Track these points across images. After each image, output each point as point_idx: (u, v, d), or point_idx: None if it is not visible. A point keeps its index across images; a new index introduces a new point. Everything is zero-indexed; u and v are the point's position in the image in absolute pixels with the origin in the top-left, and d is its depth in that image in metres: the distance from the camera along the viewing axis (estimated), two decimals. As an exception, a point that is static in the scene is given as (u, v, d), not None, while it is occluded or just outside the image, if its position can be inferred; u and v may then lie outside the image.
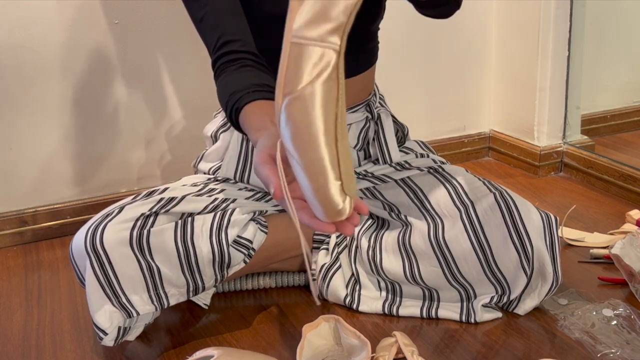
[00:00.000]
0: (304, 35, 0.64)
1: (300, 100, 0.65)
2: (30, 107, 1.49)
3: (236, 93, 0.95)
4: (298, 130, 0.65)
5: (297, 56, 0.64)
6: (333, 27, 0.64)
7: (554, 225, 1.08)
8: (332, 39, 0.64)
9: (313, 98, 0.65)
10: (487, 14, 1.87)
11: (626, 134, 1.96)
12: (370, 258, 1.17)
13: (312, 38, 0.64)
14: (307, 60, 0.64)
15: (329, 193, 0.67)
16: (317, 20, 0.64)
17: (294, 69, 0.64)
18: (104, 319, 1.01)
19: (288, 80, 0.65)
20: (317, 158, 0.66)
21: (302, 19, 0.64)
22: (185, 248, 1.04)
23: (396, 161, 1.21)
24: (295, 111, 0.65)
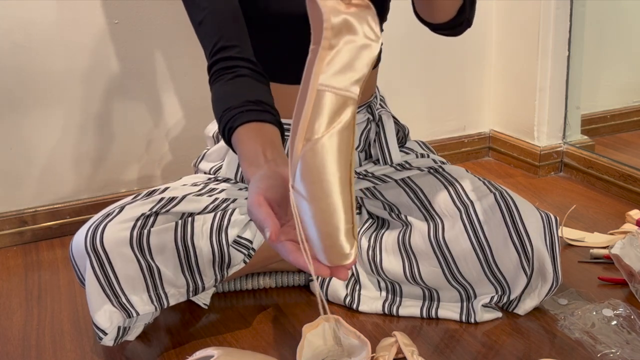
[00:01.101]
0: (331, 84, 0.66)
1: (320, 147, 0.67)
2: (30, 107, 1.49)
3: (230, 110, 0.94)
4: (316, 177, 0.67)
5: (321, 104, 0.66)
6: (357, 78, 0.67)
7: (554, 225, 1.08)
8: (353, 88, 0.67)
9: (333, 146, 0.67)
10: (487, 14, 1.87)
11: (626, 134, 1.96)
12: (370, 258, 1.17)
13: (338, 88, 0.66)
14: (329, 108, 0.66)
15: (339, 238, 0.70)
16: (345, 71, 0.66)
17: (316, 116, 0.67)
18: (104, 319, 1.01)
19: (310, 127, 0.67)
20: (332, 204, 0.68)
21: (333, 69, 0.66)
22: (185, 248, 1.04)
23: (397, 162, 1.21)
24: (317, 158, 0.67)
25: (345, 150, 0.68)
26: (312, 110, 0.66)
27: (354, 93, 0.67)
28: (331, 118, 0.67)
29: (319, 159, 0.67)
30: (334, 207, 0.68)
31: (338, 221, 0.69)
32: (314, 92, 0.66)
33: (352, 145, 0.69)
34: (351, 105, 0.68)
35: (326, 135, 0.67)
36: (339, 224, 0.69)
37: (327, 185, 0.67)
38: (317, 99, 0.66)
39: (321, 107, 0.66)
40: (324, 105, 0.66)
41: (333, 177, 0.67)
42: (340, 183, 0.68)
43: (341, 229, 0.69)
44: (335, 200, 0.68)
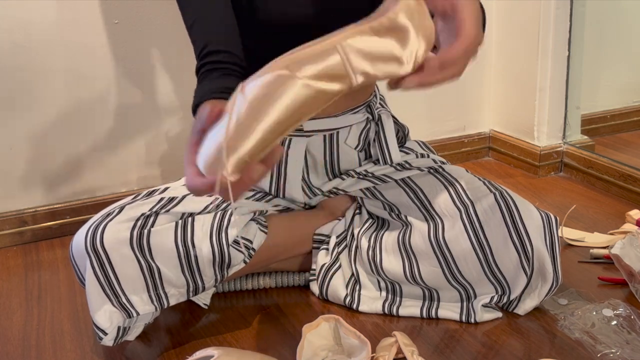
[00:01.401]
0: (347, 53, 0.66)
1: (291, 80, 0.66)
2: (30, 107, 1.49)
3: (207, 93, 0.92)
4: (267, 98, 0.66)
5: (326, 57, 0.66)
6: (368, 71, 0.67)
7: (554, 225, 1.08)
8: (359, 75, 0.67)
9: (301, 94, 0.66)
10: (487, 14, 1.86)
11: (626, 134, 1.96)
12: (370, 258, 1.17)
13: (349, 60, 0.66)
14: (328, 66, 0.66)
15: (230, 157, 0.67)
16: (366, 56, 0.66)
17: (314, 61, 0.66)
18: (104, 318, 1.01)
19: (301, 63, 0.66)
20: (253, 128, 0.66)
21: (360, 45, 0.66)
22: (185, 248, 1.04)
23: (397, 162, 1.21)
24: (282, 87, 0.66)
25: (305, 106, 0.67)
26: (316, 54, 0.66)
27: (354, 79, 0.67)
28: (321, 73, 0.66)
29: (281, 89, 0.66)
30: (249, 133, 0.66)
31: (242, 145, 0.66)
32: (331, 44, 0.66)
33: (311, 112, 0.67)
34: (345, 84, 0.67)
35: (307, 80, 0.66)
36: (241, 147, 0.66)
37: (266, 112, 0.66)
38: (328, 51, 0.66)
39: (323, 59, 0.66)
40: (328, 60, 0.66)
41: (276, 113, 0.66)
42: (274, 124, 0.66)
43: (239, 152, 0.67)
44: (260, 126, 0.66)
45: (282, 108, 0.66)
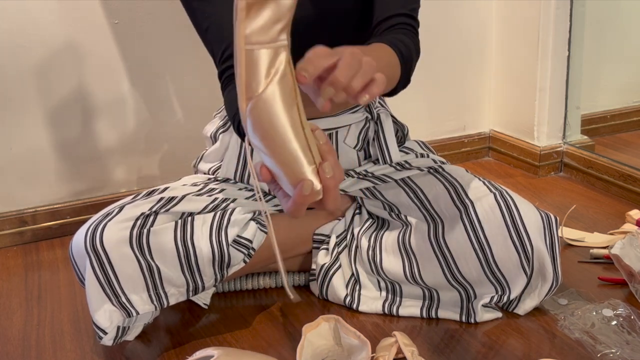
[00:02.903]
0: (258, 40, 0.67)
1: (262, 102, 0.68)
2: (30, 107, 1.49)
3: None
4: (267, 131, 0.68)
5: (253, 61, 0.67)
6: (282, 26, 0.67)
7: (554, 225, 1.08)
8: (281, 37, 0.68)
9: (275, 97, 0.68)
10: (487, 14, 1.87)
11: (626, 134, 1.96)
12: (370, 258, 1.17)
13: (265, 41, 0.67)
14: (262, 63, 0.67)
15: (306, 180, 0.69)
16: (268, 24, 0.67)
17: (252, 74, 0.68)
18: (104, 318, 1.01)
19: (248, 86, 0.68)
20: (290, 151, 0.69)
21: (256, 24, 0.67)
22: (185, 248, 1.04)
23: (396, 161, 1.21)
24: (261, 113, 0.68)
25: (289, 96, 0.68)
26: (245, 70, 0.67)
27: (282, 40, 0.68)
28: (267, 71, 0.67)
29: (264, 113, 0.68)
30: (293, 155, 0.69)
31: (301, 166, 0.69)
32: (242, 53, 0.67)
33: (295, 89, 0.69)
34: (283, 52, 0.68)
35: (267, 88, 0.67)
36: (302, 168, 0.69)
37: (279, 135, 0.68)
38: (247, 58, 0.67)
39: (254, 64, 0.67)
40: (256, 61, 0.67)
41: (283, 127, 0.68)
42: (292, 129, 0.68)
43: (306, 172, 0.70)
44: (293, 146, 0.69)
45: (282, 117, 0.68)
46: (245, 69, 0.67)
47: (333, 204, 0.71)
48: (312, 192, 0.70)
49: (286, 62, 0.68)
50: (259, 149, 0.70)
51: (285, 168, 0.70)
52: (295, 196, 0.70)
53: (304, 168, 0.69)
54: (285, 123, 0.68)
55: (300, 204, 0.70)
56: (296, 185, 0.70)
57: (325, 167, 0.70)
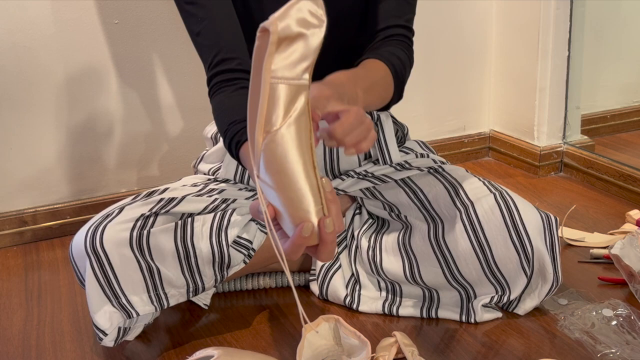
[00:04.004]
0: (283, 75, 0.68)
1: (280, 137, 0.69)
2: (30, 107, 1.49)
3: (236, 124, 0.95)
4: (279, 167, 0.70)
5: (275, 96, 0.69)
6: (307, 65, 0.69)
7: (554, 225, 1.08)
8: (305, 75, 0.69)
9: (291, 135, 0.70)
10: (487, 14, 1.87)
11: (626, 134, 1.96)
12: (370, 258, 1.17)
13: (290, 77, 0.68)
14: (284, 99, 0.69)
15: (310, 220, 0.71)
16: (294, 62, 0.68)
17: (273, 108, 0.69)
18: (104, 319, 1.01)
19: (267, 120, 0.69)
20: (299, 190, 0.70)
21: (284, 60, 0.68)
22: (185, 248, 1.04)
23: (396, 161, 1.21)
24: (277, 149, 0.69)
25: (305, 135, 0.70)
26: (267, 103, 0.68)
27: (305, 80, 0.69)
28: (287, 108, 0.69)
29: (280, 149, 0.69)
30: (301, 193, 0.70)
31: (308, 205, 0.71)
32: (267, 86, 0.68)
33: (311, 129, 0.71)
34: (304, 91, 0.70)
35: (284, 125, 0.69)
36: (309, 207, 0.71)
37: (291, 173, 0.70)
38: (271, 92, 0.68)
39: (276, 99, 0.68)
40: (279, 97, 0.68)
41: (296, 165, 0.70)
42: (304, 169, 0.70)
43: (311, 211, 0.71)
44: (302, 186, 0.70)
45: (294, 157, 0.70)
46: (267, 103, 0.68)
47: (327, 256, 0.74)
48: (312, 234, 0.72)
49: (305, 101, 0.70)
50: (268, 184, 0.71)
51: (290, 206, 0.71)
52: (294, 236, 0.71)
53: (310, 208, 0.71)
54: (298, 162, 0.70)
55: (298, 245, 0.72)
56: (297, 225, 0.71)
57: (327, 222, 0.72)
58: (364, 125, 0.77)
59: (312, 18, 0.68)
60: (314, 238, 0.72)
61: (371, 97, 0.98)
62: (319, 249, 0.73)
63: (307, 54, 0.69)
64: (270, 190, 0.72)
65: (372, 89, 0.96)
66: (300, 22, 0.68)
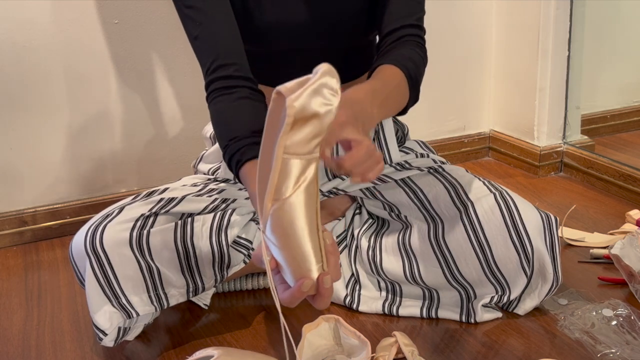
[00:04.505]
0: (296, 151, 0.70)
1: (288, 205, 0.72)
2: (30, 107, 1.49)
3: (237, 141, 0.95)
4: (285, 231, 0.73)
5: (287, 169, 0.71)
6: (319, 140, 0.71)
7: (554, 225, 1.08)
8: (316, 150, 0.72)
9: (300, 202, 0.72)
10: (487, 14, 1.87)
11: (626, 134, 1.96)
12: (370, 258, 1.17)
13: (302, 153, 0.71)
14: (295, 172, 0.71)
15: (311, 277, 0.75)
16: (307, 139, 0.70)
17: (283, 180, 0.71)
18: (104, 319, 1.01)
19: (277, 190, 0.72)
20: (303, 252, 0.74)
21: (297, 138, 0.70)
22: (185, 248, 1.04)
23: (396, 161, 1.21)
24: (284, 215, 0.72)
25: (312, 202, 0.73)
26: (278, 176, 0.71)
27: (315, 153, 0.72)
28: (297, 179, 0.72)
29: (287, 216, 0.72)
30: (304, 255, 0.74)
31: (310, 264, 0.74)
32: (279, 161, 0.71)
33: (317, 194, 0.74)
34: (314, 163, 0.73)
35: (293, 194, 0.72)
36: (311, 266, 0.74)
37: (296, 237, 0.73)
38: (283, 166, 0.71)
39: (287, 172, 0.71)
40: (290, 170, 0.71)
41: (302, 230, 0.73)
42: (309, 233, 0.73)
43: (313, 270, 0.75)
44: (306, 248, 0.73)
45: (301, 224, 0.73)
46: (278, 175, 0.71)
47: (323, 306, 0.77)
48: (311, 289, 0.75)
49: (315, 171, 0.73)
50: (273, 243, 0.74)
51: (293, 264, 0.74)
52: (294, 290, 0.75)
53: (311, 267, 0.74)
54: (304, 227, 0.73)
55: (296, 298, 0.76)
56: (298, 280, 0.74)
57: (326, 279, 0.75)
58: (373, 158, 0.80)
59: (329, 96, 0.70)
60: (312, 290, 0.76)
61: (386, 110, 0.99)
62: (315, 298, 0.77)
63: (320, 131, 0.71)
64: (275, 247, 0.75)
65: (387, 102, 0.97)
66: (316, 103, 0.70)
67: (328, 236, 0.77)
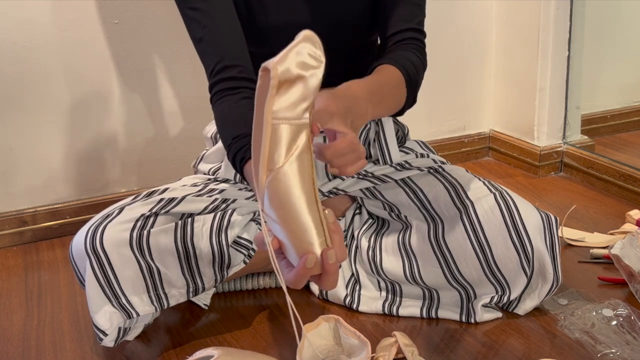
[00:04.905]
0: (285, 116, 0.71)
1: (282, 175, 0.72)
2: (30, 107, 1.49)
3: (240, 138, 0.95)
4: (282, 203, 0.72)
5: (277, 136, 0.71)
6: (307, 105, 0.72)
7: (554, 225, 1.08)
8: (305, 115, 0.72)
9: (294, 171, 0.72)
10: (487, 14, 1.87)
11: (626, 134, 1.96)
12: (370, 258, 1.17)
13: (291, 117, 0.71)
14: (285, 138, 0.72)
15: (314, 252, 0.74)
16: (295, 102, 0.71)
17: (275, 148, 0.71)
18: (104, 320, 1.01)
19: (270, 159, 0.72)
20: (302, 223, 0.73)
21: (285, 101, 0.71)
22: (185, 249, 1.04)
23: (396, 161, 1.21)
24: (280, 185, 0.72)
25: (307, 171, 0.73)
26: (269, 143, 0.71)
27: (306, 119, 0.72)
28: (289, 146, 0.72)
29: (283, 185, 0.72)
30: (304, 227, 0.73)
31: (311, 237, 0.73)
32: (269, 127, 0.71)
33: (312, 164, 0.73)
34: (305, 129, 0.72)
35: (286, 163, 0.72)
36: (312, 239, 0.73)
37: (294, 208, 0.72)
38: (272, 132, 0.71)
39: (278, 138, 0.71)
40: (280, 136, 0.71)
41: (299, 200, 0.72)
42: (307, 203, 0.73)
43: (315, 243, 0.73)
44: (305, 219, 0.73)
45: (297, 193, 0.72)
46: (269, 143, 0.71)
47: (330, 285, 0.76)
48: (315, 265, 0.74)
49: (307, 139, 0.73)
50: (272, 218, 0.74)
51: (294, 239, 0.73)
52: (298, 267, 0.73)
53: (313, 240, 0.73)
54: (301, 196, 0.72)
55: (302, 276, 0.74)
56: (301, 256, 0.73)
57: (330, 254, 0.74)
58: (355, 153, 0.79)
59: (311, 60, 0.71)
60: (317, 268, 0.74)
61: (381, 109, 1.00)
62: (322, 278, 0.76)
63: (306, 94, 0.71)
64: (275, 224, 0.74)
65: (383, 101, 0.98)
66: (300, 65, 0.70)
67: (330, 215, 0.76)
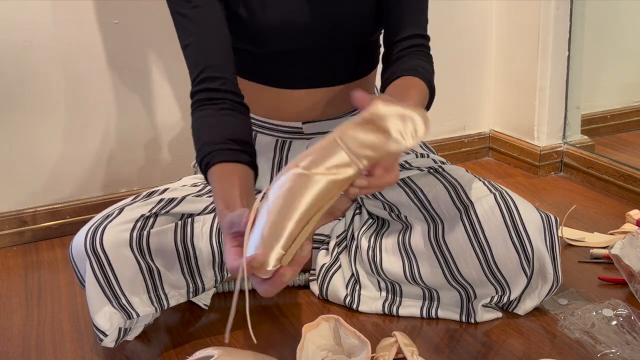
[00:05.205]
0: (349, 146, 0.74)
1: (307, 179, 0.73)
2: (30, 107, 1.49)
3: (210, 145, 0.95)
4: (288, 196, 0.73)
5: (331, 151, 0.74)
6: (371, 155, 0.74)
7: (554, 225, 1.08)
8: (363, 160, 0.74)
9: (317, 186, 0.73)
10: (487, 14, 1.87)
11: (626, 134, 1.96)
12: (370, 258, 1.17)
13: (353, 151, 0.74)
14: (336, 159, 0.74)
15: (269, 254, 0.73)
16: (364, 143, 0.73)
17: (321, 156, 0.73)
18: (104, 320, 1.01)
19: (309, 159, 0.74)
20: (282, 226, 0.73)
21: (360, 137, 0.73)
22: (185, 249, 1.04)
23: (396, 161, 1.21)
24: (299, 184, 0.73)
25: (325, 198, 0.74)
26: (321, 149, 0.73)
27: (363, 164, 0.74)
28: (333, 166, 0.74)
29: (303, 186, 0.73)
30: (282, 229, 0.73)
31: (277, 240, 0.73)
32: (332, 141, 0.73)
33: (331, 199, 0.74)
34: (353, 170, 0.74)
35: (322, 175, 0.73)
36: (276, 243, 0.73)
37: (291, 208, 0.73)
38: (330, 146, 0.74)
39: (329, 153, 0.74)
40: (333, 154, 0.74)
41: (300, 207, 0.73)
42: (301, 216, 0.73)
43: (275, 251, 0.73)
44: (288, 224, 0.73)
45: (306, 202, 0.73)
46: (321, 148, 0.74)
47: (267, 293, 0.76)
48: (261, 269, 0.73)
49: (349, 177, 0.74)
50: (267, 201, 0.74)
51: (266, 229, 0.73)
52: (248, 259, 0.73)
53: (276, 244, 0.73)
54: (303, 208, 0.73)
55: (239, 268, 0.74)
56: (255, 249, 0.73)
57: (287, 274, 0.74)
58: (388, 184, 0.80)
59: (407, 132, 0.73)
60: (262, 272, 0.74)
61: None
62: (264, 282, 0.75)
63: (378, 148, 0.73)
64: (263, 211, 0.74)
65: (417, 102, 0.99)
66: (396, 125, 0.72)
67: (306, 249, 0.76)
